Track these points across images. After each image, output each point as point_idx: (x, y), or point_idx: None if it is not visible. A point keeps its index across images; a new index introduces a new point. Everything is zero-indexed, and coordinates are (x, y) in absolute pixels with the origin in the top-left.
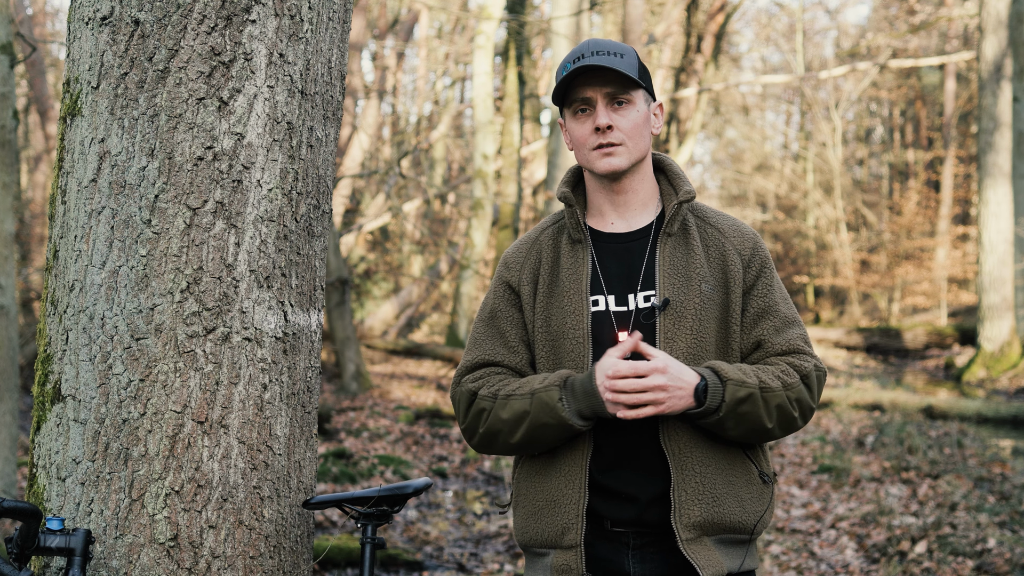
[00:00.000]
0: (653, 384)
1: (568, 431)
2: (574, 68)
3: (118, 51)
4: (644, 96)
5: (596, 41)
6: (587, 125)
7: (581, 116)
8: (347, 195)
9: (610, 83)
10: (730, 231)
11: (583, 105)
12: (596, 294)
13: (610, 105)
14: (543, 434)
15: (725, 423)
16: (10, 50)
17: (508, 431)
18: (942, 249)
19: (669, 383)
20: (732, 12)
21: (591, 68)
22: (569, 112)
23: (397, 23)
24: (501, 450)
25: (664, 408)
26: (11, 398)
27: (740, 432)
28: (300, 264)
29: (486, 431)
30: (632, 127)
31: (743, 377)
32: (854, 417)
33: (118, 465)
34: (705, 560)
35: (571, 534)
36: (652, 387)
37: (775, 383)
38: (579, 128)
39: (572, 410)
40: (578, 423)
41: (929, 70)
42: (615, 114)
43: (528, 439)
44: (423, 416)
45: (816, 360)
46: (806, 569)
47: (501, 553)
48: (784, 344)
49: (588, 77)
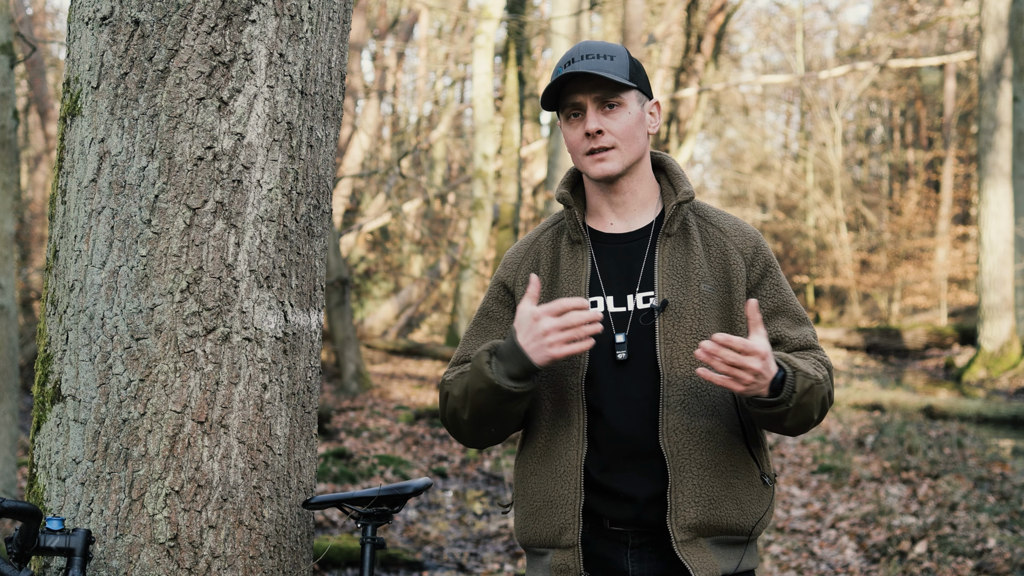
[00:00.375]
0: (749, 366)
1: (502, 394)
2: (561, 75)
3: (118, 51)
4: (637, 96)
5: (587, 44)
6: (579, 130)
7: (573, 121)
8: (347, 195)
9: (599, 87)
10: (731, 230)
11: (574, 110)
12: (595, 295)
13: (600, 109)
14: (481, 401)
15: (787, 415)
16: (10, 50)
17: (460, 407)
18: (942, 249)
19: (762, 370)
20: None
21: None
22: (563, 117)
23: (397, 23)
24: (466, 432)
25: (740, 390)
26: (11, 398)
27: (794, 424)
28: (300, 264)
29: (449, 415)
30: (624, 129)
31: (808, 368)
32: (854, 417)
33: (118, 465)
34: (699, 562)
35: (568, 534)
36: (747, 367)
37: (819, 374)
38: (572, 133)
39: (501, 371)
40: (506, 383)
41: (929, 70)
42: (605, 117)
43: (474, 411)
44: (423, 416)
45: (827, 355)
46: (806, 569)
47: (501, 553)
48: (801, 340)
49: (577, 82)
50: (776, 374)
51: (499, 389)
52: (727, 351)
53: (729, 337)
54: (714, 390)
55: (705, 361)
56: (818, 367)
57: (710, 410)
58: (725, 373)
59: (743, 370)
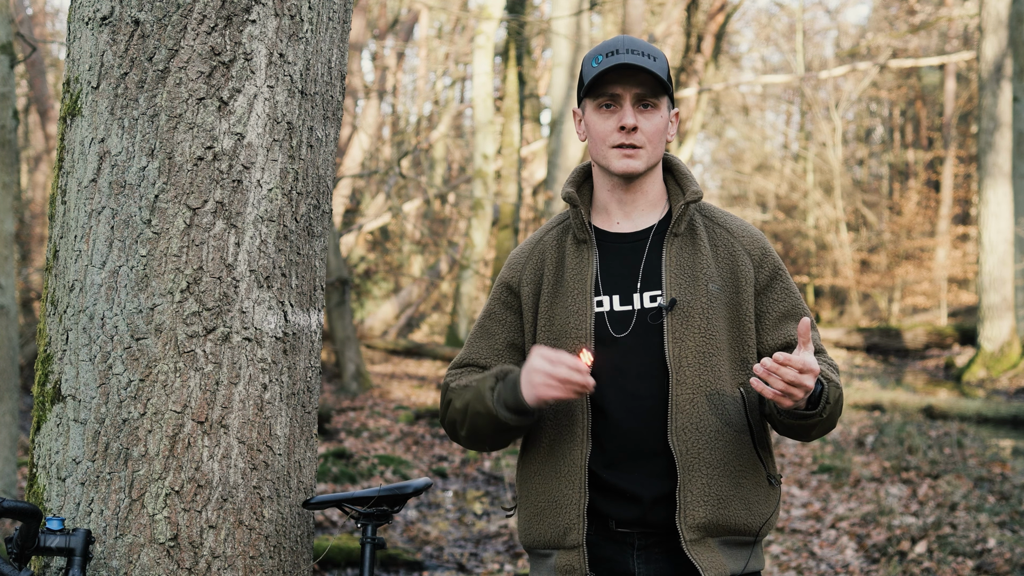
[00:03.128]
0: (805, 384)
1: (497, 423)
2: (609, 62)
3: (118, 51)
4: (667, 103)
5: (631, 39)
6: (611, 122)
7: (605, 111)
8: (347, 195)
9: (642, 84)
10: (739, 231)
11: (609, 101)
12: (601, 294)
13: (637, 106)
14: (479, 424)
15: (818, 425)
16: (10, 50)
17: (460, 421)
18: (942, 249)
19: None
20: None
21: (626, 66)
22: (592, 104)
23: (397, 23)
24: (463, 442)
25: (789, 404)
26: (11, 398)
27: (820, 432)
28: (300, 264)
29: (448, 421)
30: (655, 131)
31: (834, 377)
32: (854, 417)
33: (118, 465)
34: (708, 562)
35: (573, 534)
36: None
37: (840, 380)
38: (602, 123)
39: (499, 400)
40: (502, 412)
41: (929, 70)
42: (641, 116)
43: (471, 430)
44: (423, 416)
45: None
46: (806, 569)
47: (501, 553)
48: (814, 345)
49: (620, 74)
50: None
51: (495, 418)
52: (788, 370)
53: (789, 357)
54: (722, 389)
55: (763, 377)
56: (835, 372)
57: (718, 410)
58: (781, 391)
59: (798, 388)
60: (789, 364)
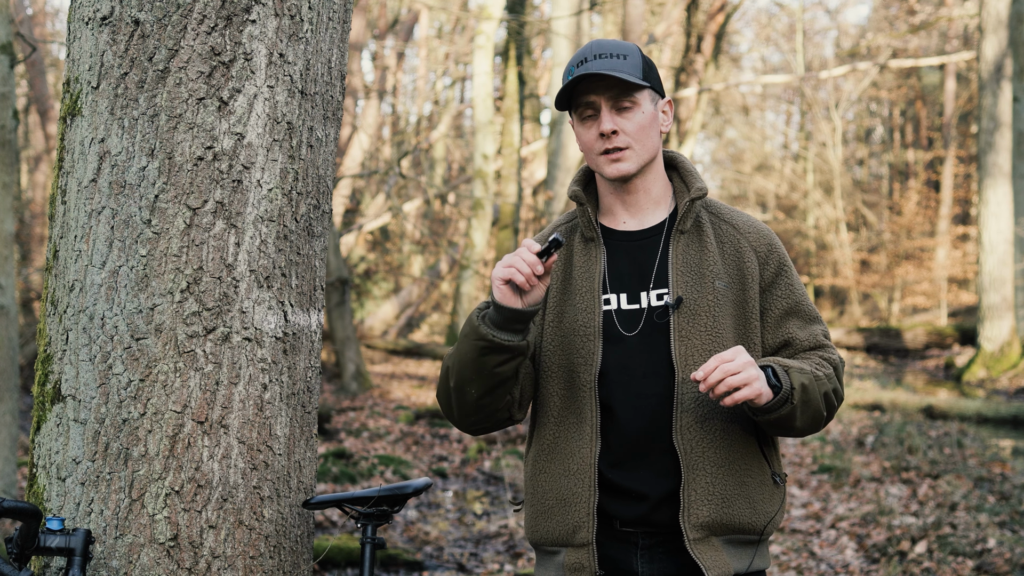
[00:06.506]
0: (742, 361)
1: (481, 339)
2: (579, 72)
3: (118, 51)
4: (650, 95)
5: (600, 43)
6: (593, 131)
7: (588, 122)
8: (347, 195)
9: (612, 87)
10: (745, 228)
11: (588, 110)
12: (608, 292)
13: (614, 109)
14: (464, 349)
15: (795, 412)
16: (10, 50)
17: (450, 366)
18: (942, 249)
19: (744, 379)
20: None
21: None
22: (576, 116)
23: (397, 23)
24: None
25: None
26: (11, 398)
27: (805, 422)
28: (300, 264)
29: (441, 384)
30: (638, 129)
31: (799, 364)
32: (854, 417)
33: (118, 465)
34: (712, 561)
35: (583, 532)
36: (743, 365)
37: (819, 372)
38: (586, 134)
39: (487, 319)
40: (484, 327)
41: (929, 70)
42: (619, 117)
43: (458, 366)
44: (423, 416)
45: (837, 352)
46: (806, 569)
47: (501, 553)
48: (811, 340)
49: (591, 82)
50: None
51: (478, 332)
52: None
53: (702, 367)
54: None
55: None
56: (821, 365)
57: (724, 408)
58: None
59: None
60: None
